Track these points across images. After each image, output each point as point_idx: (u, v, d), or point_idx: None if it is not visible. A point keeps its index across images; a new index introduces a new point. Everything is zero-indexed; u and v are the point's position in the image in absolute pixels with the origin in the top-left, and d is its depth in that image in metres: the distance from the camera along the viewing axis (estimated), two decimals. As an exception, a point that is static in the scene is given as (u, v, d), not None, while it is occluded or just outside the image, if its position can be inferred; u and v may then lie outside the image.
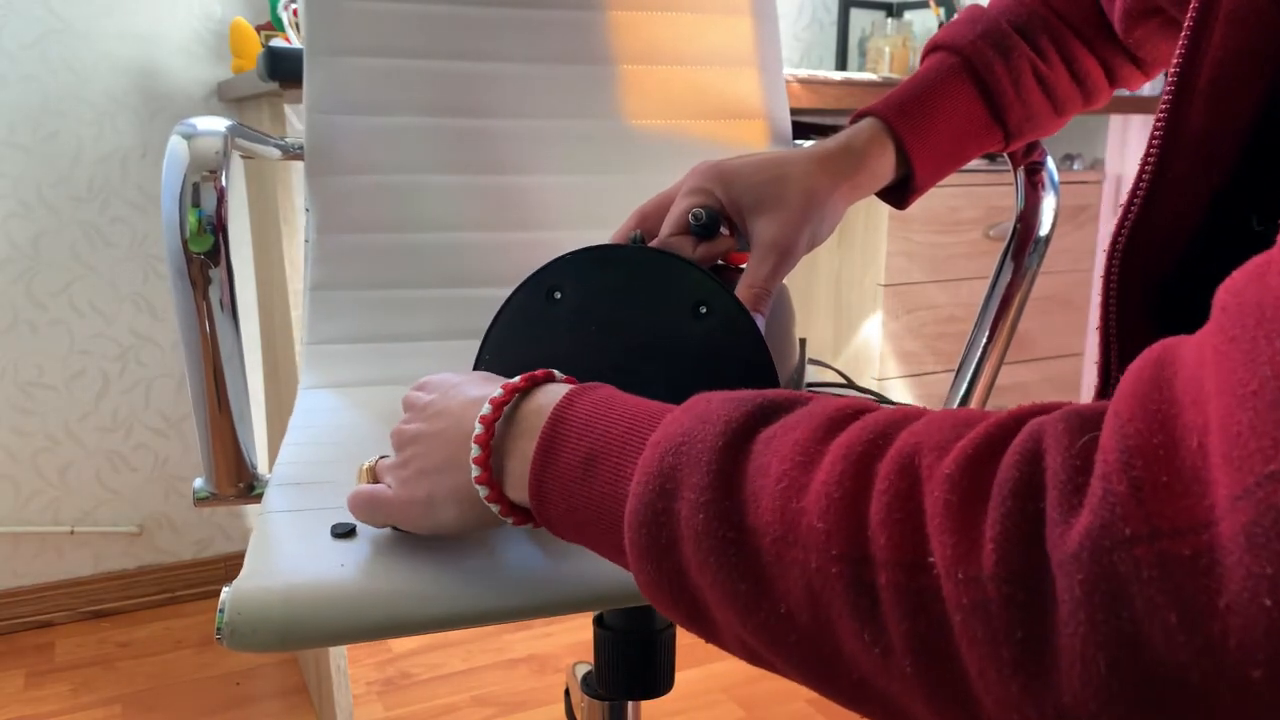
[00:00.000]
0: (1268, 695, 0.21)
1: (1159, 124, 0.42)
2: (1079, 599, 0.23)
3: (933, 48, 0.69)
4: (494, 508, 0.44)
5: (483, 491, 0.43)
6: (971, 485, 0.27)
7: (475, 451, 0.43)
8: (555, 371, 0.46)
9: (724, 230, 0.63)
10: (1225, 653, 0.21)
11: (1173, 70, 0.42)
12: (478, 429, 0.43)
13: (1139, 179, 0.44)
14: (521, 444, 0.43)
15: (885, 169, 0.66)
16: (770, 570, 0.31)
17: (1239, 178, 0.42)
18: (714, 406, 0.36)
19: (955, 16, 0.73)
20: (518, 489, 0.43)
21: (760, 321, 0.58)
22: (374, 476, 0.51)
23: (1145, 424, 0.24)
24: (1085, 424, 0.26)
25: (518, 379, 0.45)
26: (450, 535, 0.50)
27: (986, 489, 0.27)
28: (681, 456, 0.35)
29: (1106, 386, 0.46)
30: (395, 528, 0.52)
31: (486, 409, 0.44)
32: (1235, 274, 0.25)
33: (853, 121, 0.67)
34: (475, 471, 0.43)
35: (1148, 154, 0.43)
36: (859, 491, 0.30)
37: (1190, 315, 0.29)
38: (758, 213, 0.61)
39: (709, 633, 0.35)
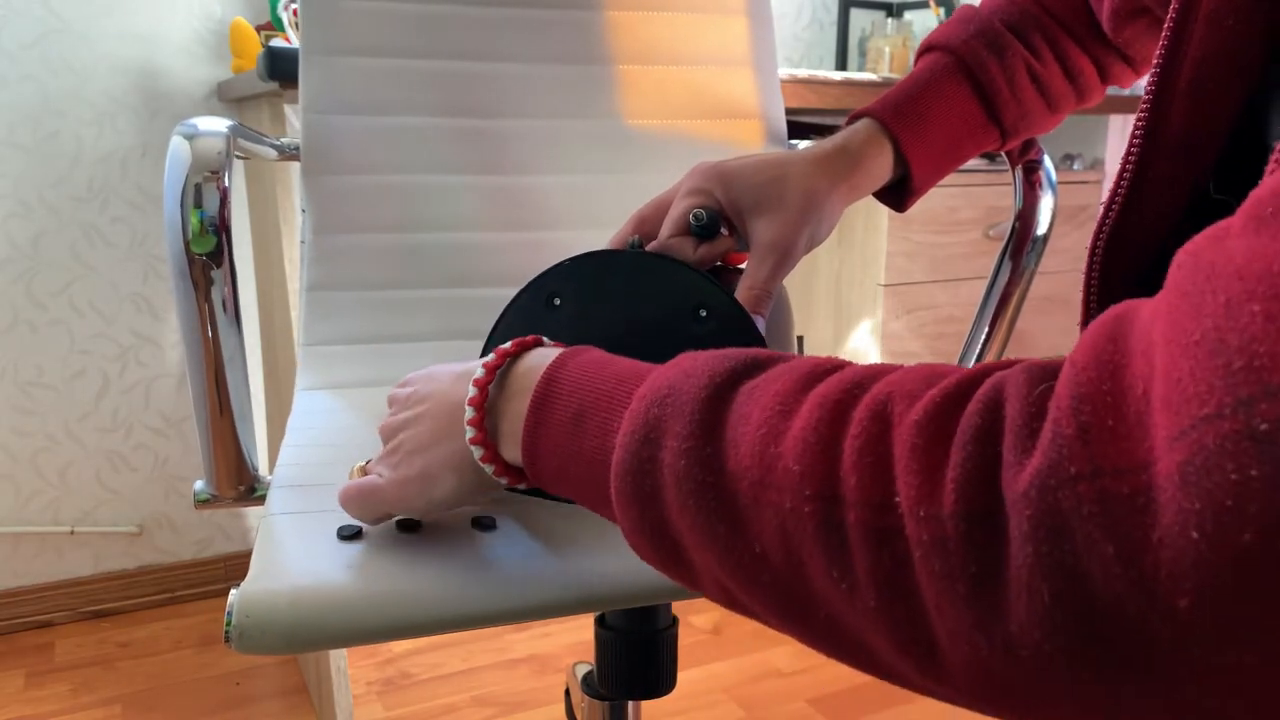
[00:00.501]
0: (1194, 624, 0.22)
1: (1139, 125, 0.43)
2: (1026, 533, 0.25)
3: (926, 48, 0.69)
4: (488, 468, 0.45)
5: (478, 453, 0.45)
6: (937, 431, 0.29)
7: (470, 414, 0.45)
8: (544, 338, 0.48)
9: (724, 231, 0.63)
10: (1157, 584, 0.23)
11: (1153, 71, 0.42)
12: (471, 392, 0.45)
13: (1120, 179, 0.44)
14: (515, 404, 0.44)
15: (882, 169, 0.66)
16: (747, 513, 0.32)
17: (1219, 178, 0.43)
18: (699, 362, 0.37)
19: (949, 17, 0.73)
20: (511, 448, 0.44)
21: (760, 323, 0.58)
22: (365, 474, 0.52)
23: (1097, 372, 0.26)
24: (1044, 375, 0.28)
25: (508, 344, 0.46)
26: (446, 509, 0.50)
27: (950, 434, 0.28)
28: (666, 407, 0.36)
29: None
30: (400, 528, 0.52)
31: (480, 373, 0.45)
32: (1196, 237, 0.26)
33: (849, 122, 0.67)
34: (470, 433, 0.45)
35: (1128, 154, 0.43)
36: (833, 436, 0.31)
37: None
38: (757, 214, 0.61)
39: (689, 577, 0.37)
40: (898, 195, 0.69)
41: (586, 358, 0.43)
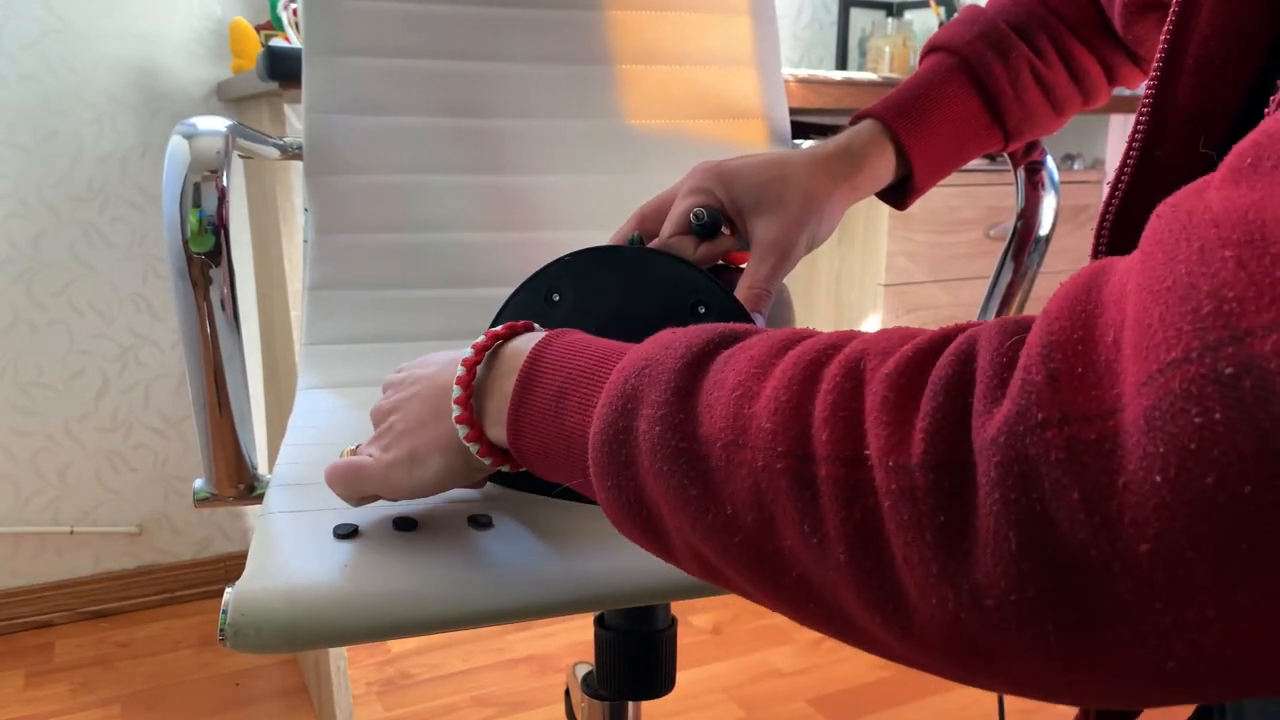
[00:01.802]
0: (1154, 573, 0.22)
1: (1145, 104, 0.43)
2: (994, 480, 0.25)
3: (931, 49, 0.69)
4: (473, 448, 0.45)
5: (463, 432, 0.45)
6: (908, 384, 0.29)
7: (456, 393, 0.45)
8: (535, 324, 0.48)
9: (725, 230, 0.63)
10: (1120, 529, 0.23)
11: (1160, 50, 0.42)
12: (459, 371, 0.45)
13: (1125, 160, 0.44)
14: (501, 383, 0.45)
15: (885, 170, 0.66)
16: (720, 474, 0.32)
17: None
18: (678, 336, 0.38)
19: (953, 17, 0.73)
20: (497, 428, 0.45)
21: (760, 321, 0.58)
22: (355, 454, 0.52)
23: (1070, 321, 0.26)
24: (1017, 328, 0.28)
25: (499, 328, 0.47)
26: (431, 492, 0.50)
27: (922, 387, 0.28)
28: (643, 378, 0.36)
29: None
30: (396, 526, 0.52)
31: (469, 353, 0.46)
32: (1178, 192, 0.26)
33: (852, 123, 0.67)
34: (456, 412, 0.45)
35: (1134, 135, 0.43)
36: (806, 393, 0.31)
37: None
38: (757, 213, 0.61)
39: (663, 547, 0.37)
40: (898, 195, 0.69)
41: (571, 338, 0.44)
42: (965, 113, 0.67)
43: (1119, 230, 0.45)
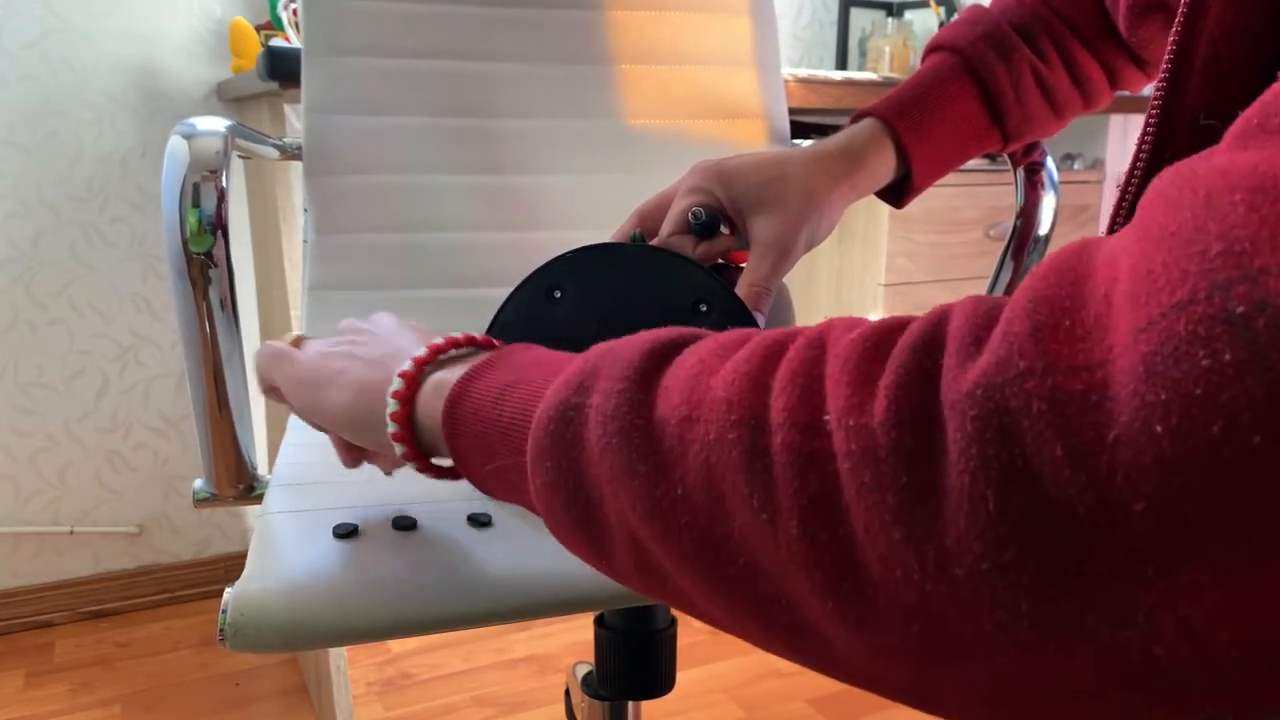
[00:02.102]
0: (1148, 533, 0.21)
1: (1154, 108, 0.42)
2: (970, 435, 0.23)
3: (933, 48, 0.69)
4: (391, 427, 0.43)
5: (392, 407, 0.42)
6: (873, 348, 0.27)
7: (406, 366, 0.43)
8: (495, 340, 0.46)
9: (724, 229, 0.63)
10: (1111, 487, 0.21)
11: (1168, 52, 0.41)
12: (421, 353, 0.43)
13: (1134, 164, 0.43)
14: (449, 373, 0.42)
15: (884, 169, 0.66)
16: (673, 453, 0.30)
17: None
18: (648, 331, 0.36)
19: (956, 16, 0.73)
20: (430, 416, 0.42)
21: (760, 320, 0.58)
22: (298, 345, 0.51)
23: (1057, 280, 0.24)
24: (995, 301, 0.26)
25: (479, 336, 0.45)
26: (319, 425, 0.49)
27: (887, 352, 0.27)
28: (604, 360, 0.34)
29: None
30: (395, 525, 0.52)
31: (422, 352, 0.44)
32: (1185, 160, 0.25)
33: (852, 122, 0.67)
34: (396, 385, 0.43)
35: (1143, 139, 0.42)
36: (765, 366, 0.29)
37: None
38: (757, 212, 0.61)
39: (596, 541, 0.34)
40: (896, 193, 0.69)
41: (536, 349, 0.42)
42: (966, 113, 0.67)
43: None
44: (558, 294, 0.58)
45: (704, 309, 0.55)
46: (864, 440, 0.25)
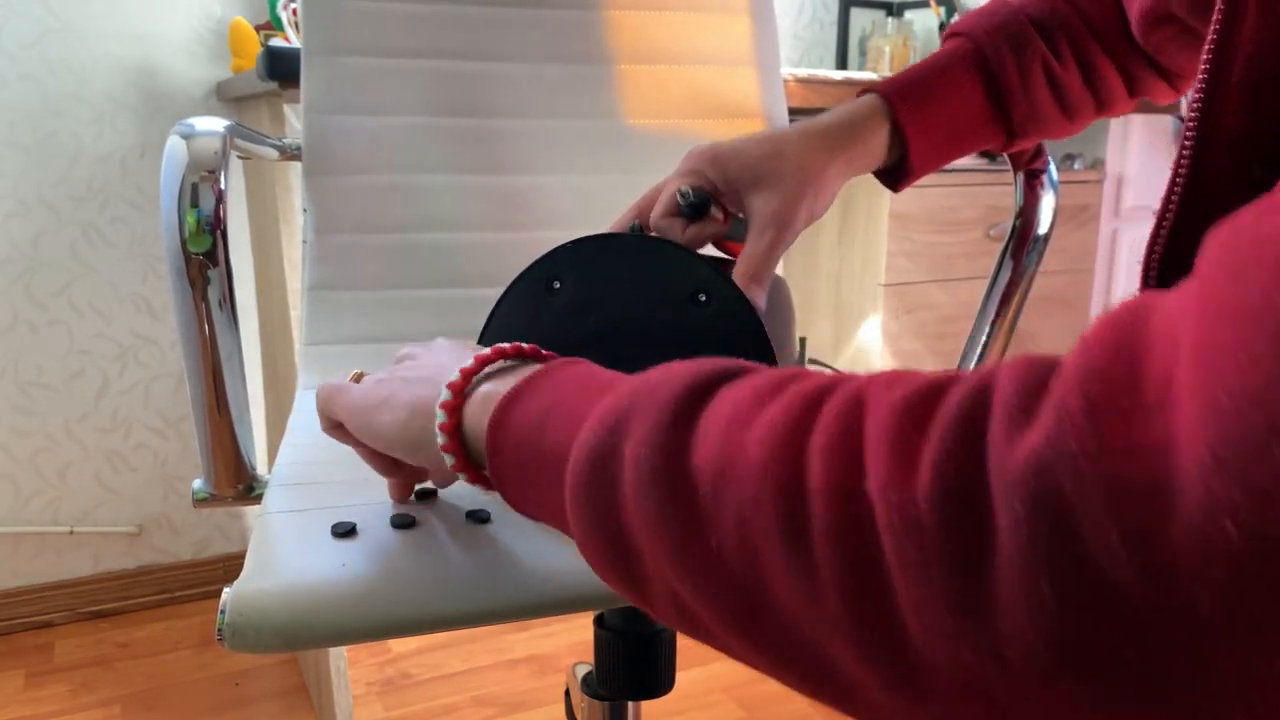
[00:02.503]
0: (1216, 626, 0.20)
1: (1190, 127, 0.40)
2: (1021, 517, 0.22)
3: (951, 33, 0.69)
4: (440, 439, 0.43)
5: (440, 418, 0.43)
6: (916, 413, 0.26)
7: (454, 377, 0.44)
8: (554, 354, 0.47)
9: (716, 214, 0.63)
10: (1175, 578, 0.20)
11: (1202, 68, 0.40)
12: (468, 363, 0.44)
13: (1172, 186, 0.42)
14: (498, 384, 0.43)
15: (879, 147, 0.65)
16: (707, 506, 0.30)
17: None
18: (685, 364, 0.35)
19: (956, 16, 0.72)
20: (477, 428, 0.43)
21: (760, 298, 0.58)
22: (358, 380, 0.52)
23: (1112, 353, 0.23)
24: (1044, 363, 0.25)
25: (526, 346, 0.46)
26: (380, 447, 0.49)
27: (930, 417, 0.25)
28: (640, 398, 0.34)
29: None
30: (394, 524, 0.52)
31: (469, 363, 0.45)
32: (1235, 214, 0.23)
33: (856, 97, 0.67)
34: (444, 396, 0.43)
35: (1179, 160, 0.41)
36: (804, 423, 0.29)
37: None
38: (755, 189, 0.61)
39: (641, 588, 0.34)
40: (894, 176, 0.69)
41: (577, 365, 0.42)
42: (968, 99, 0.66)
43: (1169, 259, 0.42)
44: (557, 284, 0.58)
45: (703, 299, 0.54)
46: (907, 513, 0.24)
